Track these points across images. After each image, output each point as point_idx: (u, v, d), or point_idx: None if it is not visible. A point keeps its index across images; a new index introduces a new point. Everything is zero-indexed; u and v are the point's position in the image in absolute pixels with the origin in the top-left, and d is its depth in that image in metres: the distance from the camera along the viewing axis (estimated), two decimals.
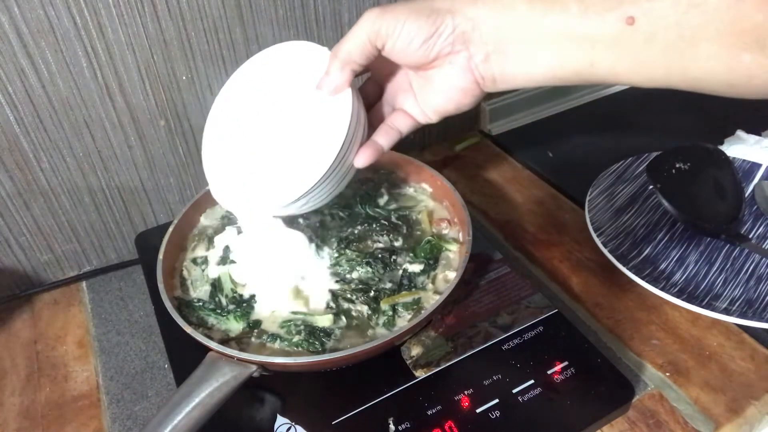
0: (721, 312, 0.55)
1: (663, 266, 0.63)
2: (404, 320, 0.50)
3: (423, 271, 0.53)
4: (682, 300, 0.56)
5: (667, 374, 0.54)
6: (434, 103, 0.46)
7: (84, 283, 0.68)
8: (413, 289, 0.52)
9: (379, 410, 0.47)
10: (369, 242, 0.56)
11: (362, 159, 0.47)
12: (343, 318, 0.50)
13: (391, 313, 0.50)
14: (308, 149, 0.47)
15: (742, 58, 0.34)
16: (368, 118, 0.49)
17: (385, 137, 0.48)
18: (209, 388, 0.43)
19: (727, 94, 0.37)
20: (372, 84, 0.50)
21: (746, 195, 0.69)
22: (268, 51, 0.50)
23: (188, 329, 0.47)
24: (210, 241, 0.57)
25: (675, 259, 0.63)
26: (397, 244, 0.56)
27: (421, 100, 0.47)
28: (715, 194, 0.68)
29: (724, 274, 0.61)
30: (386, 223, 0.58)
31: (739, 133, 0.76)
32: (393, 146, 0.49)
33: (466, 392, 0.48)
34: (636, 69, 0.38)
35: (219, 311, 0.51)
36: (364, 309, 0.50)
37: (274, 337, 0.49)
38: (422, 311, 0.49)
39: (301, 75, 0.48)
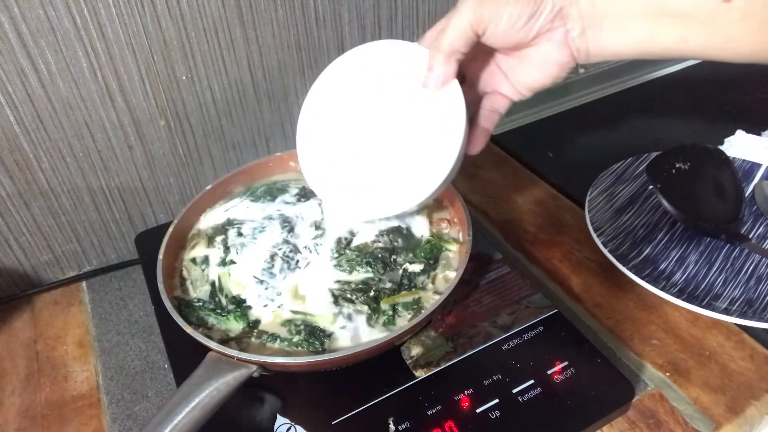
0: (721, 312, 0.55)
1: (663, 266, 0.63)
2: (404, 320, 0.50)
3: (423, 271, 0.53)
4: (682, 300, 0.56)
5: (667, 374, 0.54)
6: (530, 80, 0.47)
7: (84, 283, 0.68)
8: (413, 289, 0.52)
9: (379, 410, 0.47)
10: (369, 242, 0.56)
11: (478, 146, 0.49)
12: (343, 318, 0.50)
13: (391, 313, 0.50)
14: (427, 146, 0.47)
15: None
16: None
17: (488, 121, 0.49)
18: (209, 388, 0.43)
19: None
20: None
21: (746, 195, 0.69)
22: (357, 50, 0.50)
23: (188, 329, 0.47)
24: (210, 241, 0.57)
25: (675, 259, 0.63)
26: (397, 244, 0.56)
27: (515, 79, 0.47)
28: (715, 194, 0.68)
29: (724, 274, 0.61)
30: (386, 223, 0.58)
31: (739, 133, 0.76)
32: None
33: (466, 392, 0.48)
34: (728, 46, 0.39)
35: (219, 311, 0.51)
36: (364, 309, 0.50)
37: (274, 337, 0.49)
38: (422, 311, 0.49)
39: (400, 72, 0.48)
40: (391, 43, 0.49)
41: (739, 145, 0.74)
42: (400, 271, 0.54)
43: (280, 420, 0.47)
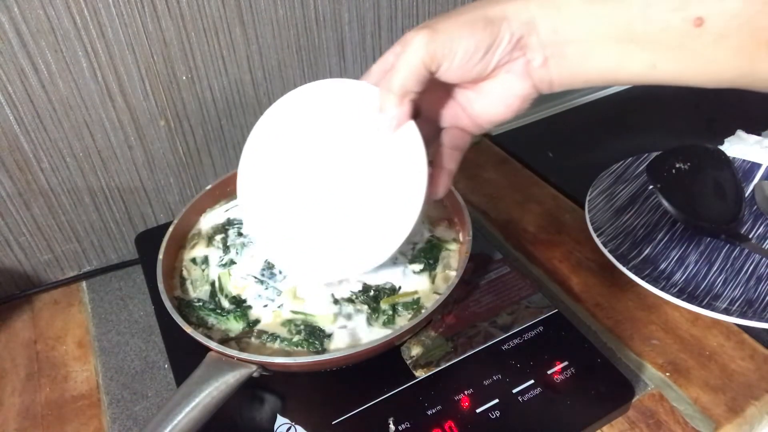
0: (721, 312, 0.55)
1: (663, 266, 0.63)
2: (404, 320, 0.50)
3: (423, 271, 0.53)
4: (682, 300, 0.56)
5: (667, 374, 0.54)
6: (491, 113, 0.43)
7: (84, 283, 0.68)
8: (413, 289, 0.52)
9: (379, 410, 0.47)
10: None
11: (441, 189, 0.44)
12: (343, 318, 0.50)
13: (390, 312, 0.50)
14: (384, 199, 0.43)
15: None
16: None
17: (452, 161, 0.45)
18: (209, 388, 0.43)
19: None
20: None
21: (746, 195, 0.69)
22: (300, 90, 0.46)
23: (188, 329, 0.47)
24: (210, 241, 0.57)
25: (675, 259, 0.63)
26: None
27: (474, 113, 0.44)
28: (715, 194, 0.68)
29: (724, 274, 0.61)
30: None
31: (739, 133, 0.76)
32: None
33: (466, 392, 0.48)
34: (702, 71, 0.36)
35: (219, 311, 0.51)
36: (364, 309, 0.50)
37: (274, 336, 0.49)
38: (422, 311, 0.49)
39: (346, 116, 0.44)
40: (338, 82, 0.44)
41: (739, 145, 0.74)
42: (400, 271, 0.53)
43: (280, 420, 0.47)
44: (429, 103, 0.44)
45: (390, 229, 0.43)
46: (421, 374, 0.49)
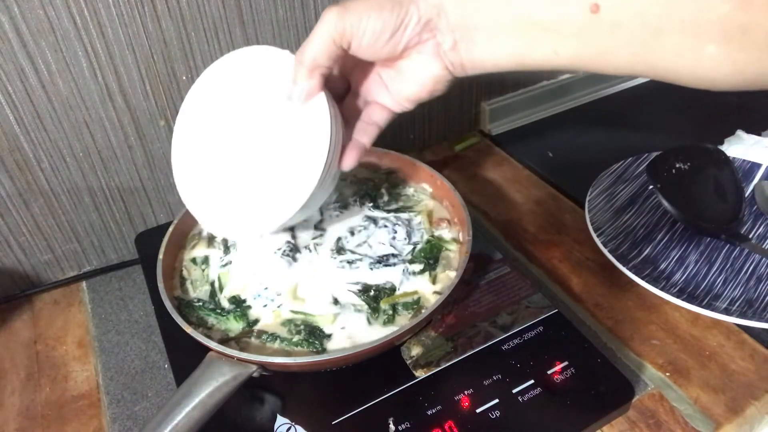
0: (721, 312, 0.55)
1: (663, 266, 0.63)
2: (404, 320, 0.50)
3: (423, 271, 0.53)
4: (682, 300, 0.56)
5: (667, 374, 0.54)
6: (407, 92, 0.45)
7: (84, 283, 0.68)
8: (413, 289, 0.52)
9: (379, 410, 0.47)
10: (369, 242, 0.56)
11: (348, 162, 0.46)
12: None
13: (391, 312, 0.50)
14: (292, 162, 0.45)
15: (707, 50, 0.34)
16: (341, 113, 0.47)
17: (365, 134, 0.47)
18: (209, 388, 0.43)
19: (692, 85, 0.36)
20: (339, 78, 0.48)
21: (746, 195, 0.69)
22: (229, 56, 0.48)
23: (188, 329, 0.47)
24: (210, 241, 0.57)
25: (675, 259, 0.64)
26: (397, 244, 0.56)
27: (394, 90, 0.46)
28: (715, 194, 0.68)
29: (724, 274, 0.61)
30: (386, 223, 0.58)
31: (739, 133, 0.76)
32: (374, 141, 0.48)
33: (466, 392, 0.48)
34: (600, 58, 0.38)
35: (219, 311, 0.51)
36: (364, 309, 0.50)
37: (273, 336, 0.49)
38: (422, 311, 0.49)
39: (269, 81, 0.46)
40: (262, 49, 0.46)
41: (739, 145, 0.74)
42: (400, 271, 0.53)
43: (280, 420, 0.47)
44: (358, 78, 0.47)
45: (296, 188, 0.45)
46: (421, 374, 0.49)
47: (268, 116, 0.47)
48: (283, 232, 0.57)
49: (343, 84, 0.49)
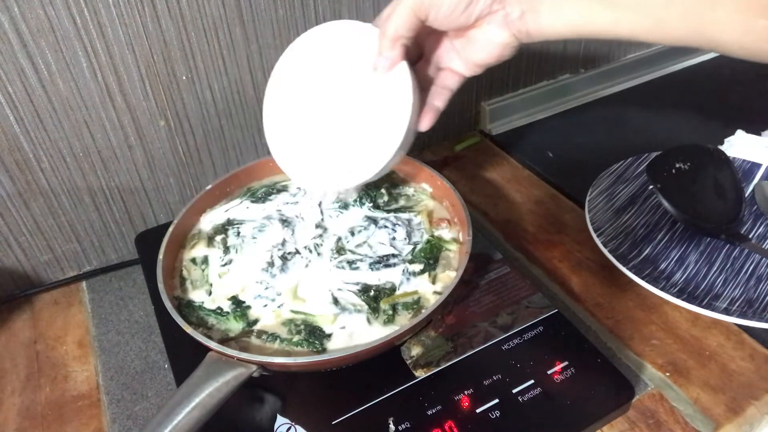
0: (721, 312, 0.55)
1: (663, 266, 0.63)
2: (404, 320, 0.50)
3: (423, 271, 0.53)
4: (682, 300, 0.56)
5: (667, 374, 0.54)
6: (478, 58, 0.49)
7: (84, 283, 0.68)
8: (413, 289, 0.52)
9: (379, 410, 0.47)
10: (369, 242, 0.56)
11: (426, 122, 0.52)
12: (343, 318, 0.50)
13: (391, 312, 0.50)
14: (378, 123, 0.50)
15: (757, 23, 0.36)
16: None
17: (439, 98, 0.52)
18: (209, 388, 0.43)
19: (740, 56, 0.39)
20: (413, 47, 0.52)
21: (746, 195, 0.69)
22: (317, 29, 0.52)
23: (188, 329, 0.47)
24: (210, 241, 0.57)
25: (675, 259, 0.63)
26: (397, 244, 0.56)
27: (465, 57, 0.50)
28: (715, 194, 0.68)
29: (724, 274, 0.61)
30: (386, 223, 0.58)
31: (739, 133, 0.76)
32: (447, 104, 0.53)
33: (466, 392, 0.48)
34: (657, 28, 0.41)
35: (219, 311, 0.51)
36: (364, 309, 0.50)
37: (273, 336, 0.49)
38: (422, 311, 0.49)
39: (354, 52, 0.51)
40: (347, 23, 0.51)
41: (739, 145, 0.74)
42: (400, 271, 0.54)
43: (280, 420, 0.47)
44: (431, 45, 0.52)
45: (382, 146, 0.50)
46: (421, 374, 0.49)
47: (353, 83, 0.51)
48: (282, 231, 0.57)
49: (417, 52, 0.53)
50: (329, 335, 0.49)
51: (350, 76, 0.52)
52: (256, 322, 0.50)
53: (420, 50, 0.53)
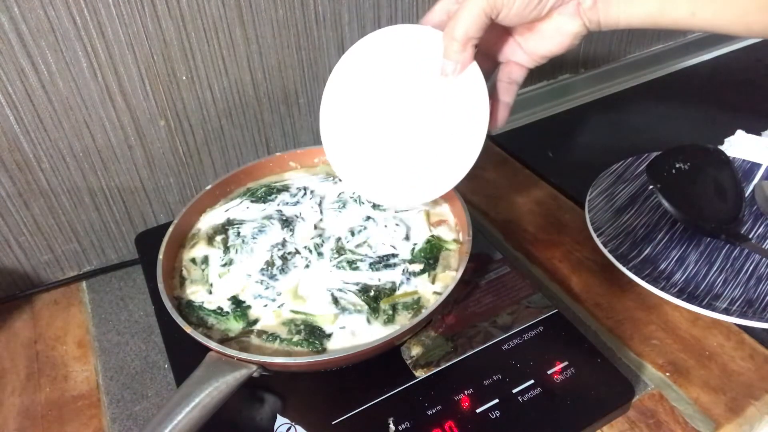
0: (721, 312, 0.55)
1: (663, 266, 0.63)
2: (404, 320, 0.50)
3: (423, 271, 0.53)
4: (682, 300, 0.56)
5: (667, 374, 0.54)
6: (545, 49, 0.47)
7: (84, 283, 0.68)
8: (413, 289, 0.52)
9: (379, 410, 0.47)
10: (369, 242, 0.56)
11: (501, 121, 0.50)
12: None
13: (391, 312, 0.50)
14: (452, 131, 0.48)
15: None
16: None
17: (508, 94, 0.50)
18: (209, 388, 0.43)
19: None
20: None
21: (746, 195, 0.69)
22: (372, 36, 0.50)
23: (188, 329, 0.47)
24: (210, 241, 0.57)
25: (675, 259, 0.63)
26: (397, 244, 0.56)
27: (529, 48, 0.48)
28: (715, 194, 0.68)
29: (724, 274, 0.61)
30: (386, 223, 0.58)
31: (739, 133, 0.76)
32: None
33: (466, 392, 0.48)
34: (739, 20, 0.39)
35: (219, 311, 0.51)
36: (364, 309, 0.50)
37: (273, 336, 0.49)
38: (422, 311, 0.49)
39: (415, 57, 0.49)
40: (407, 27, 0.49)
41: (739, 145, 0.74)
42: (400, 271, 0.53)
43: (280, 420, 0.47)
44: (487, 40, 0.47)
45: (458, 157, 0.49)
46: (421, 374, 0.49)
47: (419, 90, 0.49)
48: (282, 231, 0.57)
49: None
50: (329, 335, 0.49)
51: (413, 82, 0.49)
52: (256, 322, 0.50)
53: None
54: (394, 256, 0.55)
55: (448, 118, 0.48)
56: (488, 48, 0.50)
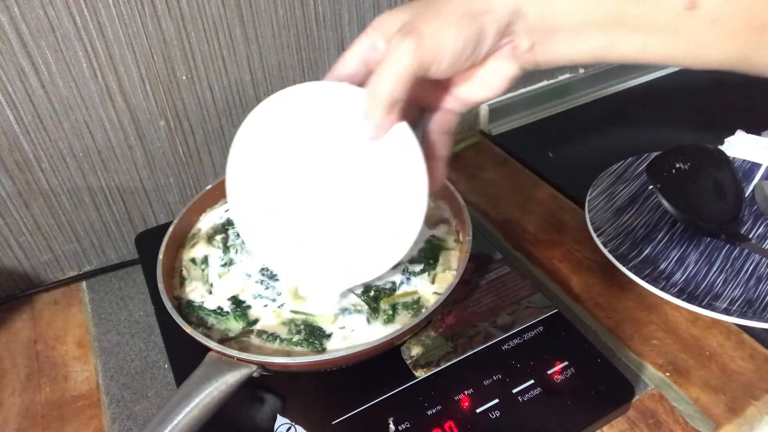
0: (721, 312, 0.55)
1: (663, 266, 0.63)
2: (404, 320, 0.50)
3: (423, 271, 0.53)
4: (682, 300, 0.56)
5: (667, 374, 0.54)
6: (479, 95, 0.42)
7: (84, 283, 0.68)
8: (413, 289, 0.52)
9: (379, 410, 0.47)
10: None
11: (439, 179, 0.44)
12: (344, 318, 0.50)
13: (391, 312, 0.50)
14: (386, 200, 0.43)
15: None
16: None
17: (444, 147, 0.45)
18: (209, 388, 0.43)
19: None
20: None
21: (746, 195, 0.69)
22: (282, 94, 0.44)
23: (188, 329, 0.47)
24: (210, 241, 0.57)
25: (675, 259, 0.63)
26: None
27: (461, 96, 0.43)
28: (715, 194, 0.68)
29: (724, 274, 0.61)
30: None
31: (739, 133, 0.76)
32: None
33: (466, 392, 0.48)
34: (693, 54, 0.35)
35: (219, 311, 0.51)
36: (364, 309, 0.50)
37: (273, 336, 0.49)
38: (422, 311, 0.49)
39: (331, 118, 0.42)
40: (322, 84, 0.42)
41: (739, 145, 0.74)
42: (400, 271, 0.53)
43: (280, 420, 0.47)
44: (416, 91, 0.41)
45: (396, 231, 0.43)
46: (421, 374, 0.49)
47: (342, 154, 0.43)
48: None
49: None
50: (329, 335, 0.49)
51: (334, 147, 0.43)
52: (256, 321, 0.50)
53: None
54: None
55: (380, 183, 0.43)
56: (415, 97, 0.42)
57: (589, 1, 0.36)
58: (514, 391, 0.48)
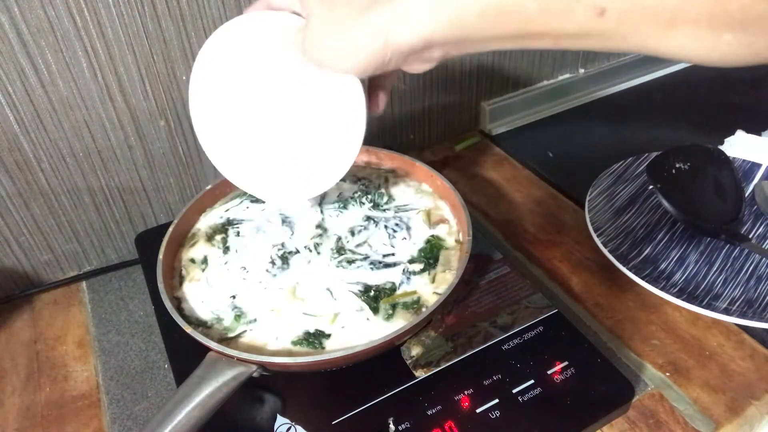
0: (721, 312, 0.55)
1: (663, 266, 0.63)
2: (404, 320, 0.50)
3: (423, 271, 0.53)
4: (682, 300, 0.56)
5: (667, 374, 0.54)
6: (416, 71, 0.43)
7: (84, 283, 0.68)
8: (413, 289, 0.52)
9: (379, 410, 0.47)
10: (369, 242, 0.56)
11: (380, 107, 0.48)
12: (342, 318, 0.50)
13: (391, 312, 0.50)
14: (332, 117, 0.47)
15: (723, 38, 0.33)
16: None
17: (385, 78, 0.47)
18: (209, 388, 0.43)
19: (703, 65, 0.35)
20: None
21: (746, 195, 0.69)
22: (237, 20, 0.46)
23: (188, 329, 0.47)
24: (210, 241, 0.57)
25: (675, 259, 0.63)
26: (397, 243, 0.56)
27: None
28: (715, 194, 0.68)
29: (724, 274, 0.61)
30: (386, 223, 0.58)
31: (739, 133, 0.76)
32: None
33: (466, 392, 0.48)
34: (604, 46, 0.36)
35: (218, 311, 0.51)
36: (364, 308, 0.50)
37: (273, 336, 0.49)
38: (422, 311, 0.49)
39: (278, 45, 0.46)
40: (270, 14, 0.45)
41: (739, 145, 0.74)
42: (400, 271, 0.53)
43: (280, 420, 0.47)
44: None
45: (343, 146, 0.48)
46: (421, 374, 0.49)
47: (288, 79, 0.47)
48: (281, 231, 0.57)
49: None
50: (329, 335, 0.49)
51: (283, 72, 0.47)
52: (255, 321, 0.50)
53: None
54: (393, 255, 0.55)
55: (324, 106, 0.47)
56: None
57: (491, 23, 0.36)
58: (514, 391, 0.48)
